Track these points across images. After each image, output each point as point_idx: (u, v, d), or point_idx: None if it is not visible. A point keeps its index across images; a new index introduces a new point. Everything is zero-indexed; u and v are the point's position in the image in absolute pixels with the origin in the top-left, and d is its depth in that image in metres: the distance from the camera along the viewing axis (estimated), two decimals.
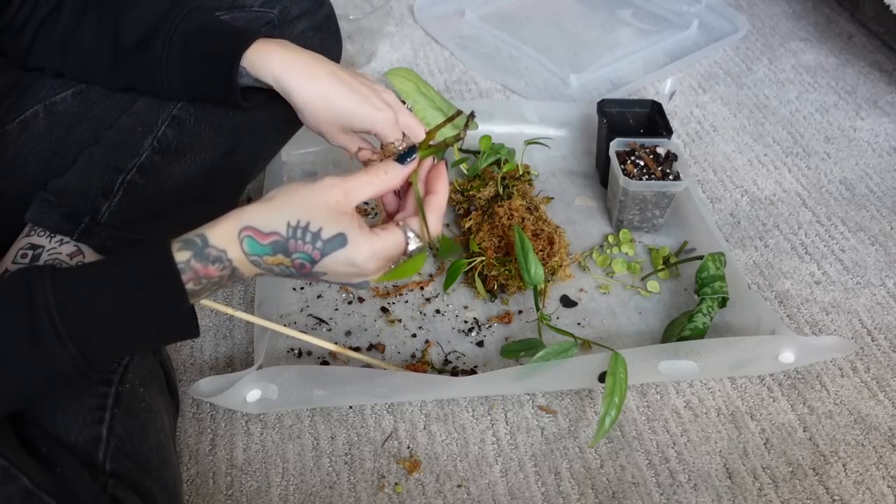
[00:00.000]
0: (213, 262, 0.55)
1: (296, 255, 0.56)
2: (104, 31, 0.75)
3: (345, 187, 0.57)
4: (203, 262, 0.55)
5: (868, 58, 1.35)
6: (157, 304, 0.54)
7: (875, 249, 1.01)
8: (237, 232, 0.55)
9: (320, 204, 0.56)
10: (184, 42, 0.74)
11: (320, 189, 0.57)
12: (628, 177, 0.95)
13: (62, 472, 0.56)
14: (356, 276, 0.59)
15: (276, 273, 0.58)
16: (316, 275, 0.58)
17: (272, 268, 0.57)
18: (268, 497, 0.74)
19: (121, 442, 0.62)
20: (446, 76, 1.29)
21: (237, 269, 0.56)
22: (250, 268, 0.57)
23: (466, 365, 0.84)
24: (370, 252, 0.57)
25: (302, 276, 0.59)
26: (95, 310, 0.53)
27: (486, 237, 0.93)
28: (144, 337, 0.57)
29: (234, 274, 0.57)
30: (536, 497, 0.74)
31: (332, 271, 0.58)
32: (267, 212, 0.56)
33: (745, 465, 0.77)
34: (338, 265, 0.57)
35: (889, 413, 0.82)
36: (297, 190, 0.57)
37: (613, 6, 1.46)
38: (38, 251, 0.75)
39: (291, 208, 0.56)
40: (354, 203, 0.58)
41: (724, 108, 1.24)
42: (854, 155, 1.15)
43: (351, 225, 0.57)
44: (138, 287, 0.53)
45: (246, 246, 0.55)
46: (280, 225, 0.55)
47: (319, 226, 0.56)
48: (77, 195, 0.75)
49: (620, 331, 0.89)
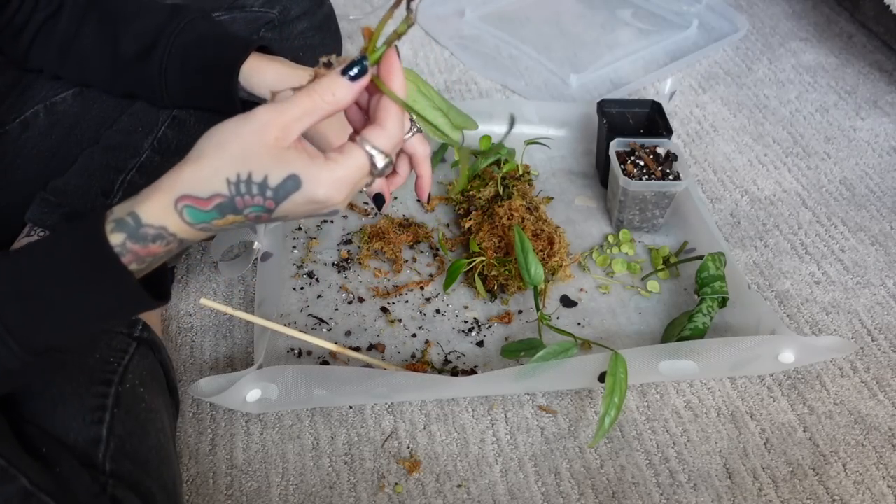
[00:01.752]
0: (154, 241, 0.49)
1: (248, 211, 0.50)
2: (104, 39, 0.75)
3: (282, 121, 0.49)
4: (141, 242, 0.49)
5: (868, 58, 1.35)
6: (99, 289, 0.50)
7: (875, 249, 1.01)
8: (172, 204, 0.49)
9: (257, 148, 0.48)
10: (182, 54, 0.74)
11: (253, 130, 0.48)
12: (628, 177, 0.95)
13: (61, 471, 0.56)
14: (322, 209, 0.52)
15: (233, 228, 0.53)
16: (276, 220, 0.52)
17: (225, 228, 0.51)
18: (268, 497, 0.74)
19: (121, 442, 0.62)
20: (446, 76, 1.29)
21: (185, 239, 0.51)
22: (200, 234, 0.51)
23: (466, 365, 0.84)
24: (331, 184, 0.50)
25: (262, 224, 0.54)
26: (30, 304, 0.49)
27: (486, 237, 0.93)
28: (96, 322, 0.53)
29: (184, 244, 0.51)
30: (536, 497, 0.74)
31: (295, 213, 0.51)
32: (200, 173, 0.49)
33: (745, 465, 0.77)
34: (299, 206, 0.50)
35: (889, 413, 0.82)
36: (228, 138, 0.49)
37: (613, 6, 1.46)
38: None
39: (227, 162, 0.48)
40: (297, 135, 0.50)
41: (724, 108, 1.24)
42: (854, 155, 1.15)
43: (300, 160, 0.49)
44: (76, 277, 0.49)
45: (187, 216, 0.49)
46: (219, 185, 0.48)
47: (264, 173, 0.48)
48: (77, 195, 0.75)
49: (620, 331, 0.89)
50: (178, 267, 0.94)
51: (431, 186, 0.62)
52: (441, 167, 1.08)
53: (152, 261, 0.51)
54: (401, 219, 1.00)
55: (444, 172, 1.08)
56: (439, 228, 1.00)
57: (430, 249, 0.97)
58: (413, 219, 1.00)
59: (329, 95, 0.49)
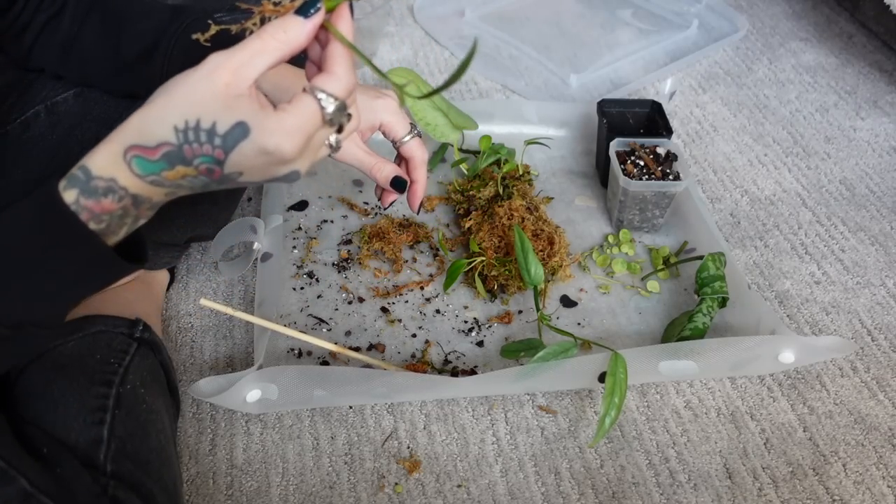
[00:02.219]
0: (105, 195, 0.48)
1: (197, 161, 0.48)
2: (106, 40, 0.75)
3: (232, 65, 0.47)
4: (93, 197, 0.47)
5: (868, 58, 1.35)
6: (63, 253, 0.48)
7: (875, 249, 1.01)
8: (121, 154, 0.48)
9: (206, 93, 0.47)
10: (184, 55, 0.73)
11: (203, 75, 0.47)
12: (628, 177, 0.95)
13: (62, 472, 0.56)
14: (277, 165, 0.49)
15: (190, 187, 0.50)
16: (232, 177, 0.50)
17: (179, 182, 0.49)
18: (268, 497, 0.74)
19: (122, 443, 0.62)
20: (446, 76, 1.29)
21: (138, 195, 0.49)
22: (153, 189, 0.49)
23: (466, 365, 0.84)
24: (281, 132, 0.47)
25: (218, 184, 0.50)
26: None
27: (486, 237, 0.93)
28: (70, 290, 0.52)
29: (139, 201, 0.49)
30: (536, 497, 0.74)
31: (248, 167, 0.49)
32: (148, 120, 0.47)
33: (745, 465, 0.77)
34: (249, 159, 0.48)
35: (889, 413, 0.82)
36: (178, 84, 0.47)
37: (613, 6, 1.46)
38: None
39: (175, 109, 0.47)
40: (250, 80, 0.48)
41: (724, 108, 1.24)
42: (854, 155, 1.15)
43: (250, 108, 0.47)
44: (38, 241, 0.48)
45: (136, 167, 0.48)
46: (166, 132, 0.47)
47: (212, 120, 0.47)
48: None
49: (620, 331, 0.89)
50: (179, 267, 0.94)
51: (430, 188, 0.62)
52: (441, 167, 1.08)
53: (110, 220, 0.49)
54: (401, 219, 1.00)
55: (444, 172, 1.08)
56: (439, 228, 1.00)
57: (430, 249, 0.97)
58: (413, 219, 1.00)
59: (280, 34, 0.48)
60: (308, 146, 0.50)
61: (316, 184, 1.05)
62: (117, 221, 0.50)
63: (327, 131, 0.51)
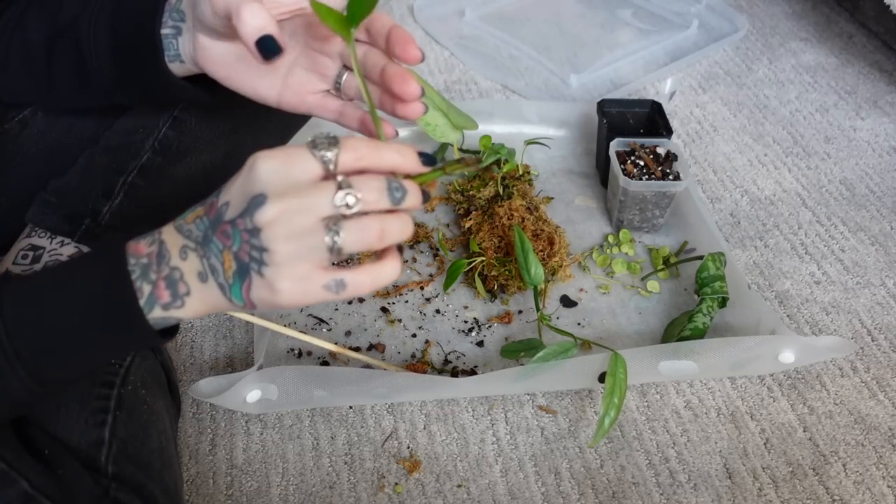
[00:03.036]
0: (145, 237, 0.49)
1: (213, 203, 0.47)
2: (44, 19, 0.66)
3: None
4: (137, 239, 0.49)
5: (868, 58, 1.35)
6: (115, 330, 0.49)
7: (875, 249, 1.01)
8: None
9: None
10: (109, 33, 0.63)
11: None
12: (628, 177, 0.95)
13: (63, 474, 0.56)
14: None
15: (197, 239, 0.48)
16: (235, 223, 0.46)
17: (192, 229, 0.48)
18: (268, 497, 0.74)
19: (123, 445, 0.62)
20: (446, 76, 1.29)
21: (164, 241, 0.48)
22: (175, 236, 0.48)
23: (466, 365, 0.85)
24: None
25: (221, 235, 0.47)
26: (45, 334, 0.48)
27: (486, 237, 0.93)
28: (105, 357, 0.53)
29: (162, 251, 0.48)
30: (536, 497, 0.74)
31: (233, 199, 0.46)
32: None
33: (745, 465, 0.77)
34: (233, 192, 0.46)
35: (889, 413, 0.82)
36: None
37: (613, 6, 1.46)
38: (38, 252, 0.75)
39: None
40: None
41: (724, 108, 1.24)
42: (854, 155, 1.15)
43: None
44: (94, 315, 0.48)
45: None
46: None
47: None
48: (78, 196, 0.75)
49: (620, 331, 0.89)
50: None
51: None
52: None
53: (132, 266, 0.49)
54: None
55: None
56: (439, 228, 1.00)
57: (430, 249, 0.97)
58: (413, 218, 1.00)
59: None
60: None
61: None
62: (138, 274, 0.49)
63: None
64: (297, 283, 0.45)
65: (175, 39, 0.60)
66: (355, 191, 0.45)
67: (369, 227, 0.45)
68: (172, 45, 0.60)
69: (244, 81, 0.59)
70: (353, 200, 0.45)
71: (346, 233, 0.45)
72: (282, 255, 0.44)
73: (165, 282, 0.48)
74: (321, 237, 0.44)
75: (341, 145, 0.45)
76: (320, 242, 0.45)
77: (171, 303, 0.48)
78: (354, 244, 0.45)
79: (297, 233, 0.44)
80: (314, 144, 0.45)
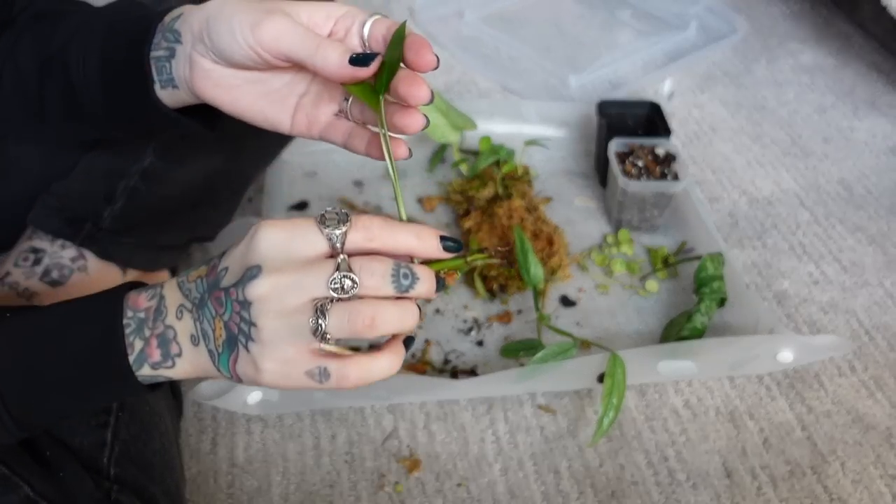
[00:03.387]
0: (147, 290, 0.48)
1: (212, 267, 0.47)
2: (39, 41, 0.62)
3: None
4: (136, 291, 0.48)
5: (866, 59, 1.36)
6: (106, 385, 0.48)
7: (873, 249, 1.01)
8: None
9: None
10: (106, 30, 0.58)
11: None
12: (627, 177, 0.95)
13: (65, 476, 0.56)
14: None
15: (195, 300, 0.46)
16: (228, 292, 0.44)
17: (191, 289, 0.47)
18: (268, 496, 0.74)
19: (125, 446, 0.62)
20: (446, 76, 1.29)
21: (164, 296, 0.47)
22: (176, 293, 0.47)
23: (466, 364, 0.85)
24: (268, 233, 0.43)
25: (215, 301, 0.45)
26: (34, 383, 0.46)
27: (486, 237, 0.94)
28: (91, 405, 0.55)
29: (160, 307, 0.47)
30: (536, 496, 0.75)
31: (231, 266, 0.45)
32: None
33: (744, 464, 0.78)
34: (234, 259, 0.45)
35: (886, 412, 0.83)
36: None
37: (612, 7, 1.46)
38: (39, 255, 0.75)
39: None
40: None
41: (722, 109, 1.25)
42: (852, 155, 1.16)
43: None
44: (86, 370, 0.47)
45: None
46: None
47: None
48: (79, 199, 0.75)
49: (619, 331, 0.89)
50: (179, 267, 0.94)
51: (430, 188, 0.49)
52: (441, 167, 1.09)
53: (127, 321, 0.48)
54: None
55: (443, 172, 1.08)
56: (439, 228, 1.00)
57: None
58: (413, 219, 1.00)
59: None
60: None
61: (316, 184, 1.05)
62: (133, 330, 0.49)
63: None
64: (281, 364, 0.43)
65: (168, 63, 0.54)
66: (353, 273, 0.42)
67: (358, 313, 0.42)
68: (165, 69, 0.54)
69: (253, 108, 0.54)
70: (350, 284, 0.42)
71: (332, 316, 0.42)
72: (268, 332, 0.42)
73: (158, 340, 0.46)
74: (307, 318, 0.42)
75: (352, 223, 0.43)
76: (306, 323, 0.42)
77: (161, 362, 0.46)
78: (340, 330, 0.42)
79: (285, 311, 0.42)
80: (323, 219, 0.43)
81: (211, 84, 0.52)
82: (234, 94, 0.53)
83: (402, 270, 0.43)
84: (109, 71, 0.56)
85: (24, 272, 0.75)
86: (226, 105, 0.53)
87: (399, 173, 0.49)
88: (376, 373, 0.45)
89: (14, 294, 0.74)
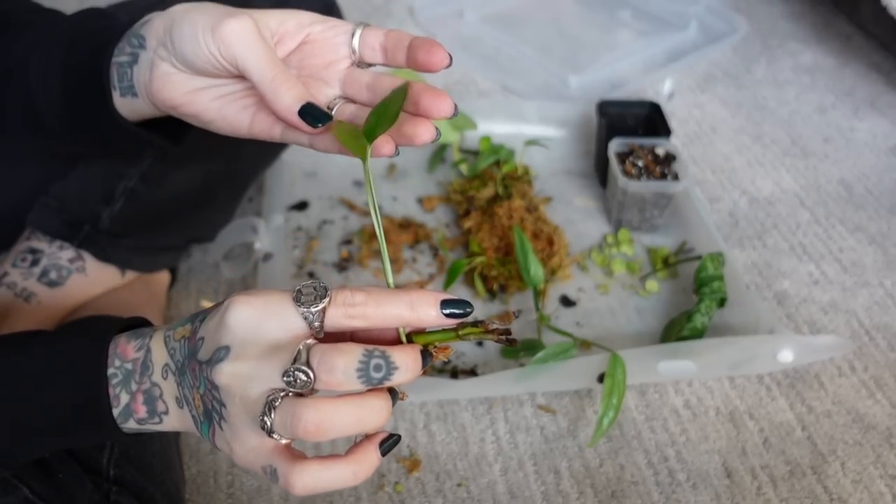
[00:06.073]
0: (136, 338, 0.46)
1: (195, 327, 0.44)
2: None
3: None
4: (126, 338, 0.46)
5: (866, 59, 1.36)
6: (87, 432, 0.47)
7: (873, 249, 1.01)
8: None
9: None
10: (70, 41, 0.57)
11: None
12: (627, 177, 0.95)
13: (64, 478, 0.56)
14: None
15: (177, 363, 0.44)
16: (202, 368, 0.42)
17: (175, 349, 0.44)
18: (268, 496, 0.74)
19: (125, 447, 0.62)
20: (446, 76, 1.29)
21: (151, 350, 0.45)
22: (162, 351, 0.45)
23: (466, 364, 0.85)
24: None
25: (192, 373, 0.43)
26: (13, 427, 0.46)
27: (486, 237, 0.94)
28: (68, 446, 0.54)
29: (147, 361, 0.45)
30: (536, 496, 0.75)
31: (206, 339, 0.42)
32: None
33: (744, 464, 0.78)
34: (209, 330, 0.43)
35: (887, 412, 0.83)
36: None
37: (612, 7, 1.46)
38: (37, 256, 0.75)
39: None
40: None
41: (722, 109, 1.25)
42: (852, 155, 1.16)
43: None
44: (69, 419, 0.46)
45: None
46: None
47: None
48: (78, 200, 0.75)
49: (619, 330, 0.89)
50: (180, 267, 0.94)
51: (430, 188, 0.47)
52: (441, 167, 1.09)
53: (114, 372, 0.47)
54: (401, 219, 1.00)
55: (443, 172, 1.08)
56: (439, 228, 1.00)
57: (430, 249, 0.98)
58: (413, 219, 1.01)
59: None
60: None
61: (316, 184, 1.05)
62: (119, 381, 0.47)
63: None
64: (247, 451, 0.40)
65: (130, 68, 0.52)
66: (309, 367, 0.38)
67: (299, 418, 0.37)
68: (126, 76, 0.52)
69: (209, 109, 0.51)
70: (304, 379, 0.38)
71: (278, 414, 0.38)
72: (234, 417, 0.40)
73: (144, 396, 0.44)
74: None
75: (332, 298, 0.39)
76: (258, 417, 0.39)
77: (147, 419, 0.45)
78: (283, 430, 0.38)
79: (248, 399, 0.39)
80: (299, 295, 0.39)
81: (169, 87, 0.50)
82: (190, 97, 0.51)
83: (375, 361, 0.38)
84: (69, 79, 0.54)
85: (22, 273, 0.75)
86: (181, 107, 0.51)
87: (399, 173, 0.48)
88: (332, 482, 0.39)
89: (12, 294, 0.74)
